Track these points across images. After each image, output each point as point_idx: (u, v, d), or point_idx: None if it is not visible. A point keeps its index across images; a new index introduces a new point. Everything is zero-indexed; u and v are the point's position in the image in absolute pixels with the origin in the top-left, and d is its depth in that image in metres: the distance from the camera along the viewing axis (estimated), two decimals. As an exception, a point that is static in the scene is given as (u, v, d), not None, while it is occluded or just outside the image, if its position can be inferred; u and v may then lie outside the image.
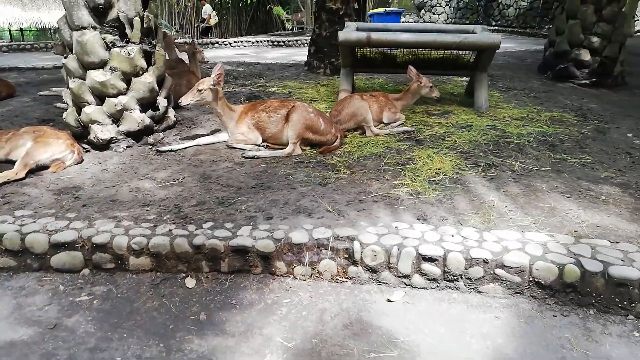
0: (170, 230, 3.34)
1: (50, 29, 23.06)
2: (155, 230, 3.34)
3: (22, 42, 18.18)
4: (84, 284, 3.17)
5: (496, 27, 22.81)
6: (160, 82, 5.01)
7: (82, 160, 4.59)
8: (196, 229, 3.36)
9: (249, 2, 25.16)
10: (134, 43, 4.61)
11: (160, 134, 5.04)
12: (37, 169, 4.38)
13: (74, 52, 4.53)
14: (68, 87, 4.78)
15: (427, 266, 3.05)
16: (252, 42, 18.62)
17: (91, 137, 4.69)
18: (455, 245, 3.10)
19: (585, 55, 7.92)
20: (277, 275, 3.25)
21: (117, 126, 4.73)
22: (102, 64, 4.55)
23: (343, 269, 3.21)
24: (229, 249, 3.21)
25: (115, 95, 4.64)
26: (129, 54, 4.56)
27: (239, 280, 3.21)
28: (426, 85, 5.52)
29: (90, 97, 4.63)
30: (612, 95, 7.59)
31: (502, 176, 4.27)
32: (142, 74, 4.72)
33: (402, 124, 5.55)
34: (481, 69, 6.10)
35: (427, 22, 27.46)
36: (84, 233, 3.28)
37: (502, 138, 5.17)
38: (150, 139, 4.93)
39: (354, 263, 3.18)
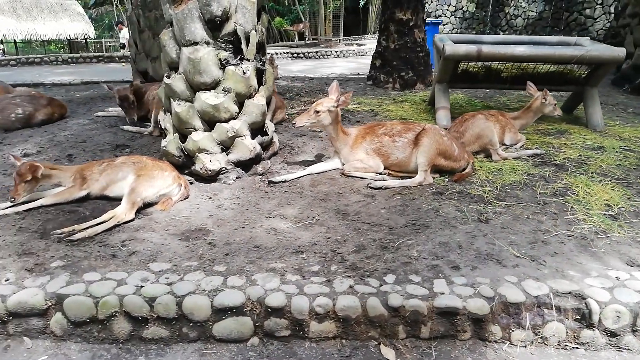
0: (351, 287, 2.76)
1: (45, 41, 22.40)
2: (332, 286, 2.75)
3: (31, 56, 17.52)
4: (257, 356, 2.57)
5: (505, 38, 22.32)
6: (267, 103, 4.43)
7: (189, 195, 3.99)
8: (381, 285, 2.78)
9: None
10: (248, 60, 4.03)
11: (268, 162, 4.45)
12: (142, 207, 3.77)
13: (181, 70, 3.95)
14: (168, 111, 4.19)
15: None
16: (276, 54, 18.10)
17: (197, 167, 4.08)
18: None
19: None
20: (490, 342, 2.67)
21: (227, 155, 4.13)
22: (214, 85, 3.97)
23: (574, 333, 2.64)
24: (433, 310, 2.63)
25: (227, 120, 4.05)
26: (244, 73, 3.99)
27: (445, 349, 2.63)
28: (551, 103, 5.01)
29: (198, 123, 4.04)
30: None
31: (683, 207, 3.74)
32: (254, 95, 4.14)
33: (523, 145, 5.02)
34: (592, 84, 5.61)
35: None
36: (251, 293, 2.68)
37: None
38: (260, 168, 4.33)
39: (589, 326, 2.62)
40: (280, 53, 18.49)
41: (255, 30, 4.00)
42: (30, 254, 3.08)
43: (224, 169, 4.10)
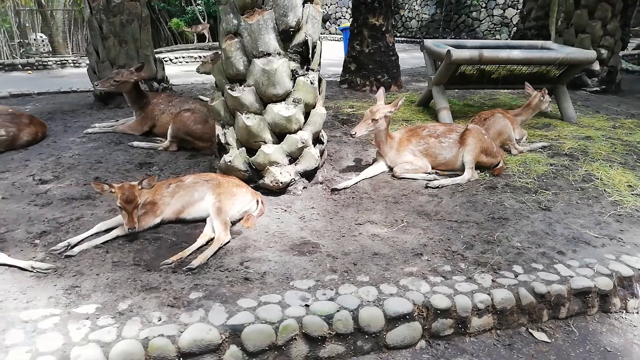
0: (494, 281, 2.99)
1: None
2: (478, 282, 2.96)
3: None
4: (431, 358, 2.69)
5: (403, 39, 23.61)
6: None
7: (264, 210, 3.88)
8: (516, 276, 3.05)
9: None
10: (312, 70, 4.03)
11: (324, 169, 4.47)
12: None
13: (251, 82, 3.82)
14: (228, 125, 4.04)
15: None
16: (195, 58, 17.36)
17: (267, 181, 3.99)
18: None
19: (596, 66, 8.78)
20: (612, 312, 3.08)
21: (295, 166, 4.09)
22: (285, 96, 3.90)
23: (674, 296, 3.15)
24: (571, 292, 2.97)
25: (296, 131, 4.01)
26: (312, 83, 3.98)
27: (580, 324, 3.00)
28: (547, 101, 5.67)
29: (268, 135, 3.94)
30: (630, 99, 8.52)
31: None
32: (316, 104, 4.15)
33: (527, 139, 5.62)
34: (563, 82, 6.45)
35: (333, 33, 27.18)
36: (415, 298, 2.78)
37: (633, 147, 5.48)
38: (320, 177, 4.35)
39: (685, 288, 3.15)
40: (202, 57, 17.84)
41: (319, 40, 4.01)
42: (155, 288, 2.83)
43: (293, 180, 4.05)
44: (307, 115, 4.08)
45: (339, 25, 26.55)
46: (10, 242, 3.32)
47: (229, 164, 3.99)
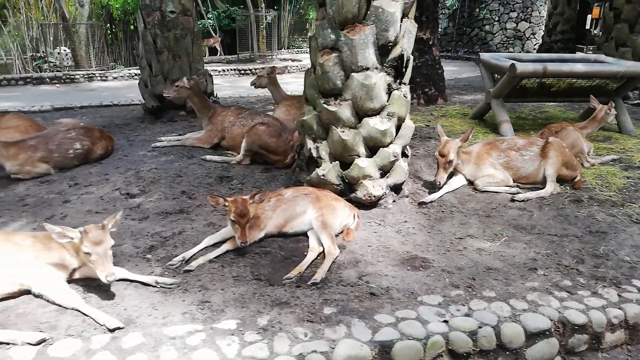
0: (619, 296, 2.97)
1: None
2: (604, 297, 2.94)
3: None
4: (571, 375, 2.66)
5: (415, 53, 23.81)
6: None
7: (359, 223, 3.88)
8: (639, 290, 3.03)
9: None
10: (405, 84, 4.05)
11: (408, 183, 4.47)
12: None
13: (348, 97, 3.84)
14: (320, 139, 4.06)
15: None
16: (219, 72, 17.49)
17: (359, 194, 3.99)
18: None
19: (638, 78, 8.81)
20: None
21: (386, 179, 4.09)
22: (379, 110, 3.92)
23: None
24: (701, 306, 2.94)
25: (388, 145, 4.02)
26: (405, 96, 4.00)
27: None
28: (612, 114, 5.69)
29: (362, 149, 3.95)
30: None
31: None
32: (406, 117, 4.17)
33: (593, 151, 5.62)
34: (619, 95, 6.47)
35: None
36: (550, 314, 2.76)
37: None
38: (406, 191, 4.34)
39: None
40: (227, 70, 18.01)
41: (412, 54, 4.04)
42: (286, 303, 2.82)
43: (384, 194, 4.05)
44: (397, 128, 4.09)
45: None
46: (121, 257, 3.31)
47: (322, 177, 3.99)
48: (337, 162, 4.01)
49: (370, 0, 3.67)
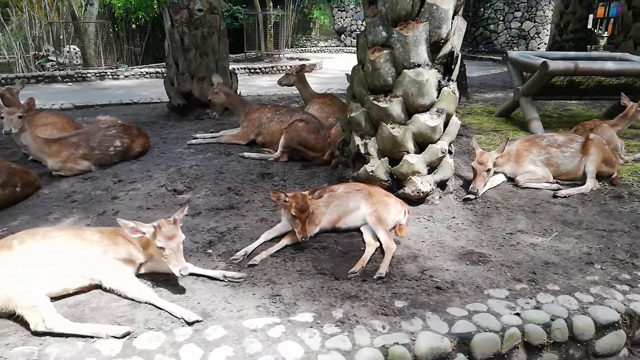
0: (683, 289, 3.01)
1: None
2: (667, 291, 2.98)
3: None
4: (640, 367, 2.70)
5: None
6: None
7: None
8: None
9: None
10: (453, 80, 4.09)
11: (452, 179, 4.50)
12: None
13: (399, 93, 3.87)
14: (369, 135, 4.09)
15: None
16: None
17: (407, 190, 4.02)
18: None
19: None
20: None
21: (433, 175, 4.13)
22: (430, 106, 3.96)
23: None
24: None
25: (436, 141, 4.06)
26: (454, 93, 4.04)
27: None
28: (644, 111, 5.73)
29: (411, 145, 3.99)
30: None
31: None
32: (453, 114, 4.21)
33: (624, 148, 5.66)
34: (648, 92, 6.51)
35: (349, 46, 26.70)
36: (617, 307, 2.80)
37: None
38: (451, 187, 4.38)
39: None
40: (238, 69, 18.00)
41: (460, 51, 4.08)
42: (355, 297, 2.86)
43: (432, 190, 4.09)
44: (444, 125, 4.12)
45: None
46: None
47: (370, 173, 4.03)
48: (386, 158, 4.05)
49: (424, -2, 3.72)
